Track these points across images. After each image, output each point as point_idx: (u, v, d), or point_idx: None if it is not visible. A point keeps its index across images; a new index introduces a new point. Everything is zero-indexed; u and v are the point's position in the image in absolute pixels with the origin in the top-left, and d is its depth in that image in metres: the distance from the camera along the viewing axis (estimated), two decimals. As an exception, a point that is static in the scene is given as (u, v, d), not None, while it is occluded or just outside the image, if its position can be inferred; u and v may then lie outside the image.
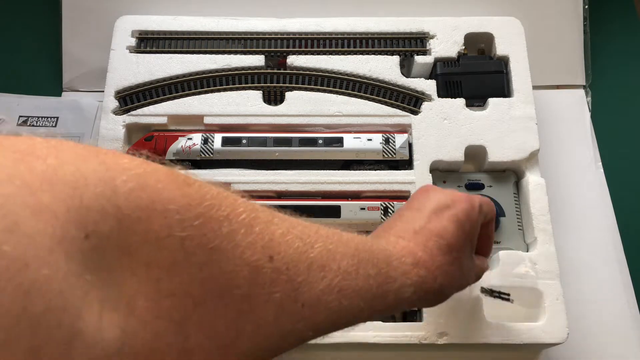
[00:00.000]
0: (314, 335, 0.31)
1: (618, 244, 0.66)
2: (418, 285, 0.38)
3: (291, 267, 0.28)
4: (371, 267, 0.34)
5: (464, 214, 0.42)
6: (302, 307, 0.29)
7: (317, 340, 0.55)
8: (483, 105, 0.67)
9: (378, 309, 0.35)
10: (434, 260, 0.39)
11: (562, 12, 0.76)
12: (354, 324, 0.35)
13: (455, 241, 0.41)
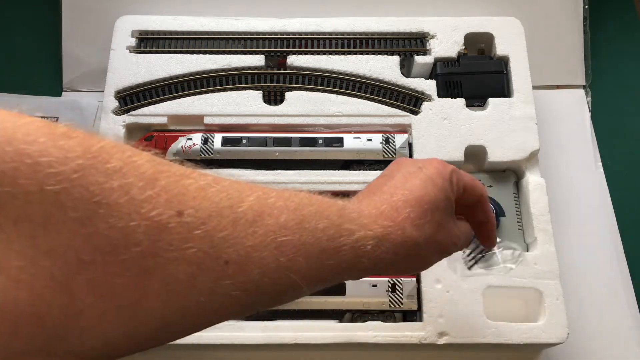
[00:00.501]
0: (250, 298, 0.29)
1: (618, 244, 0.66)
2: (382, 237, 0.35)
3: (209, 222, 0.26)
4: (319, 220, 0.32)
5: (436, 172, 0.40)
6: (225, 265, 0.27)
7: (316, 340, 0.55)
8: (483, 105, 0.67)
9: (333, 266, 0.32)
10: (399, 211, 0.37)
11: (562, 12, 0.76)
12: (310, 286, 0.32)
13: (426, 195, 0.38)
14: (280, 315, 0.58)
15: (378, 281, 0.59)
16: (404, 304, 0.58)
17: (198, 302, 0.27)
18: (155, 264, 0.24)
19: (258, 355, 0.59)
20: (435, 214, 0.38)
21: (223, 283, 0.27)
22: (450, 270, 0.58)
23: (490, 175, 0.65)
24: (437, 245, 0.39)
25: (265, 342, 0.56)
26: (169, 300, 0.25)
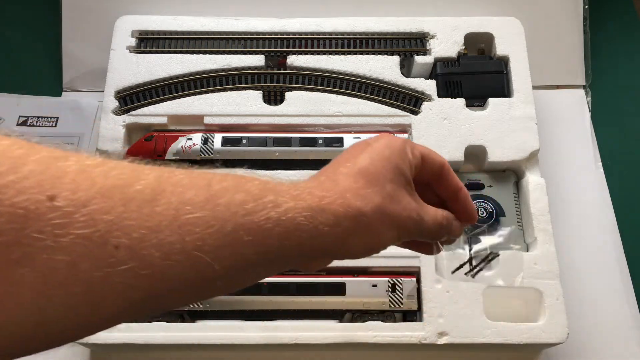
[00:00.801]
0: (155, 285, 0.26)
1: (618, 244, 0.66)
2: (319, 208, 0.32)
3: (91, 204, 0.24)
4: (235, 194, 0.29)
5: (384, 145, 0.37)
6: (115, 250, 0.24)
7: (316, 340, 0.55)
8: (483, 105, 0.67)
9: (257, 244, 0.29)
10: (339, 182, 0.34)
11: (562, 12, 0.75)
12: (232, 270, 0.29)
13: (371, 166, 0.35)
14: (280, 315, 0.58)
15: (378, 281, 0.59)
16: (404, 304, 0.58)
17: (87, 293, 0.24)
18: (24, 254, 0.23)
19: (258, 355, 0.59)
20: (383, 185, 0.35)
21: (116, 270, 0.24)
22: (438, 271, 0.59)
23: (490, 175, 0.65)
24: (390, 219, 0.35)
25: (265, 342, 0.56)
26: (48, 291, 0.23)
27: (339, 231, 0.33)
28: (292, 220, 0.30)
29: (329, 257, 0.36)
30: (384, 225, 0.35)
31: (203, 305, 0.58)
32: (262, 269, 0.32)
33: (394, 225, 0.36)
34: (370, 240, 0.35)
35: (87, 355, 0.60)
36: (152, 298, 0.26)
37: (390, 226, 0.36)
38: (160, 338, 0.56)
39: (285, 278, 0.59)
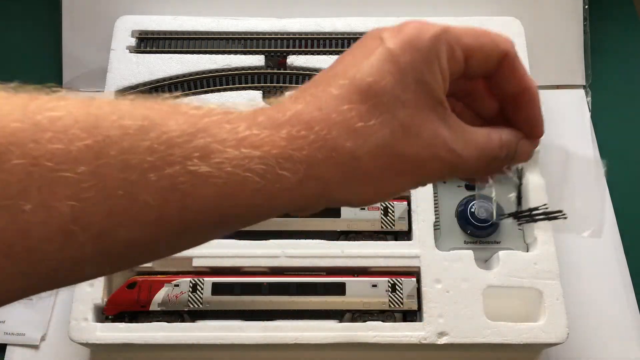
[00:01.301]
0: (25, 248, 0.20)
1: (618, 244, 0.66)
2: (281, 157, 0.24)
3: None
4: (141, 141, 0.22)
5: (404, 42, 0.26)
6: None
7: (316, 340, 0.55)
8: (483, 105, 0.67)
9: (164, 214, 0.22)
10: (322, 109, 0.25)
11: (562, 12, 0.75)
12: (130, 244, 0.22)
13: (379, 81, 0.25)
14: (281, 315, 0.58)
15: (378, 281, 0.59)
16: (404, 303, 0.58)
17: None
18: None
19: (258, 355, 0.59)
20: (394, 112, 0.25)
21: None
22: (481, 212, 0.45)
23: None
24: (401, 163, 0.26)
25: (265, 342, 0.56)
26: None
27: (315, 186, 0.25)
28: (232, 176, 0.23)
29: (310, 210, 0.27)
30: (392, 171, 0.26)
31: (203, 305, 0.58)
32: (189, 239, 0.25)
33: (407, 171, 0.26)
34: (370, 190, 0.26)
35: (87, 355, 0.60)
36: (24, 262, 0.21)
37: (402, 172, 0.26)
38: (160, 338, 0.56)
39: (285, 278, 0.59)
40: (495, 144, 0.28)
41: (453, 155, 0.26)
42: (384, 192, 0.27)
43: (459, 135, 0.27)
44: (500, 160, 0.28)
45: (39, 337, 0.61)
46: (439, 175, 0.27)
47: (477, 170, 0.28)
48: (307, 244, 0.60)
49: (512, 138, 0.29)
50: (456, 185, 0.64)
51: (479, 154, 0.27)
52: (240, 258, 0.59)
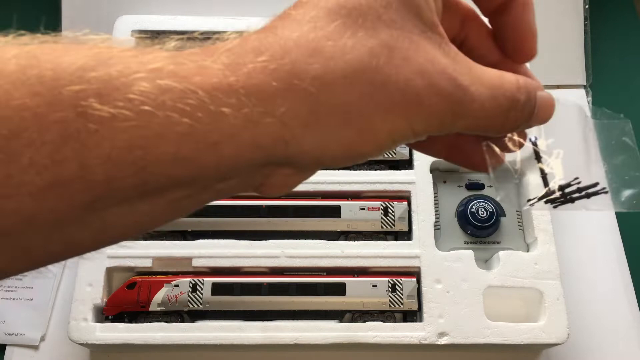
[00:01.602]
0: None
1: (618, 244, 0.66)
2: (222, 90, 0.18)
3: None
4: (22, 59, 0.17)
5: None
6: None
7: (316, 341, 0.55)
8: (483, 105, 0.67)
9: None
10: (285, 28, 0.20)
11: (563, 11, 0.75)
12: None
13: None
14: (281, 315, 0.58)
15: (378, 281, 0.59)
16: (404, 304, 0.58)
17: None
18: None
19: (258, 355, 0.59)
20: (376, 31, 0.20)
21: None
22: (500, 196, 0.35)
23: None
24: (388, 93, 0.20)
25: (265, 343, 0.56)
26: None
27: (272, 129, 0.19)
28: (147, 117, 0.17)
29: (272, 180, 0.22)
30: (376, 105, 0.20)
31: (203, 306, 0.58)
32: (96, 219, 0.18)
33: (397, 105, 0.20)
34: (350, 134, 0.20)
35: (87, 355, 0.60)
36: None
37: (390, 106, 0.20)
38: (160, 338, 0.56)
39: (285, 278, 0.59)
40: (513, 85, 0.23)
41: (457, 87, 0.21)
42: (371, 138, 0.20)
43: (464, 67, 0.21)
44: (520, 108, 0.23)
45: (39, 338, 0.61)
46: (441, 116, 0.21)
47: (493, 118, 0.22)
48: (307, 244, 0.60)
49: (530, 83, 0.24)
50: (456, 185, 0.64)
51: (493, 93, 0.22)
52: (240, 258, 0.59)
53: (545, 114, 0.24)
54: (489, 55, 0.26)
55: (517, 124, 0.23)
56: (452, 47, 0.22)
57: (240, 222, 0.62)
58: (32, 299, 0.62)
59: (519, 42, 0.25)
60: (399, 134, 0.21)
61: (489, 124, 0.22)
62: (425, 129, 0.21)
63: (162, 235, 0.62)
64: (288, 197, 0.63)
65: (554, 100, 0.25)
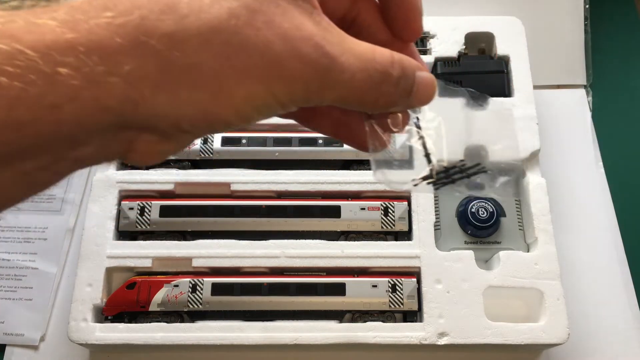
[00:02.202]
0: None
1: (619, 244, 0.66)
2: (58, 48, 0.17)
3: None
4: None
5: None
6: None
7: (316, 341, 0.55)
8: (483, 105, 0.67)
9: None
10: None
11: (563, 11, 0.75)
12: None
13: None
14: (280, 315, 0.58)
15: (378, 281, 0.59)
16: (404, 304, 0.58)
17: None
18: None
19: (258, 355, 0.59)
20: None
21: None
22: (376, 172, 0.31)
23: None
24: (248, 56, 0.19)
25: (265, 343, 0.56)
26: None
27: (117, 89, 0.18)
28: None
29: (126, 151, 0.21)
30: (233, 67, 0.19)
31: (203, 306, 0.58)
32: None
33: (256, 69, 0.19)
34: (204, 97, 0.19)
35: (87, 356, 0.60)
36: None
37: (248, 70, 0.19)
38: (160, 338, 0.55)
39: (285, 278, 0.59)
40: (386, 58, 0.22)
41: (323, 55, 0.20)
42: (227, 103, 0.20)
43: (335, 37, 0.21)
44: (393, 83, 0.22)
45: (38, 338, 0.61)
46: (305, 84, 0.20)
47: (365, 91, 0.22)
48: (307, 244, 0.60)
49: (407, 60, 0.23)
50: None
51: (365, 65, 0.21)
52: (240, 258, 0.59)
53: (424, 95, 0.24)
54: (378, 33, 0.25)
55: (392, 99, 0.23)
56: (324, 18, 0.21)
57: (240, 222, 0.62)
58: (32, 299, 0.62)
59: (405, 20, 0.25)
60: (260, 101, 0.20)
61: (361, 98, 0.22)
62: (289, 98, 0.21)
63: (162, 235, 0.61)
64: (288, 197, 0.63)
65: (435, 82, 0.25)
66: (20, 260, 0.64)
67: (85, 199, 0.66)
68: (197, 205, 0.62)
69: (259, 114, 0.21)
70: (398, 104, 0.23)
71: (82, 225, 0.61)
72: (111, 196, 0.62)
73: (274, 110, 0.21)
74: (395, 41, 0.26)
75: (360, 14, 0.25)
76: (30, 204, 0.67)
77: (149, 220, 0.61)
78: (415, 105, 0.25)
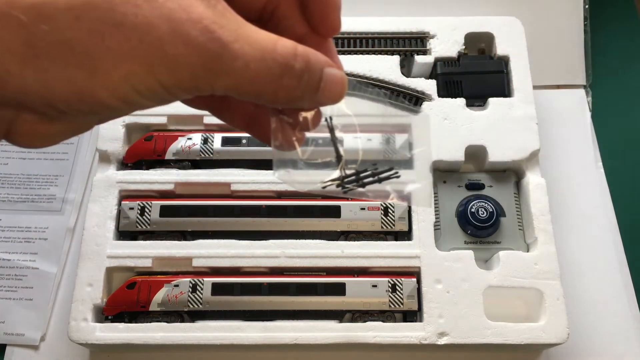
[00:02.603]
0: None
1: (618, 244, 0.66)
2: None
3: None
4: None
5: None
6: None
7: (316, 341, 0.55)
8: (483, 105, 0.67)
9: None
10: None
11: (563, 11, 0.75)
12: None
13: None
14: (281, 315, 0.58)
15: (378, 281, 0.59)
16: (404, 304, 0.58)
17: None
18: None
19: (258, 355, 0.59)
20: None
21: None
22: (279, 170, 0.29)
23: (491, 175, 0.65)
24: (125, 34, 0.18)
25: (265, 343, 0.56)
26: None
27: None
28: None
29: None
30: (108, 46, 0.18)
31: (203, 306, 0.58)
32: None
33: (135, 49, 0.18)
34: (78, 75, 0.18)
35: (87, 355, 0.60)
36: None
37: (126, 50, 0.18)
38: (160, 338, 0.56)
39: (285, 278, 0.59)
40: (288, 50, 0.21)
41: (213, 40, 0.19)
42: (104, 83, 0.19)
43: (231, 23, 0.20)
44: (296, 76, 0.21)
45: (39, 338, 0.61)
46: (192, 69, 0.19)
47: (262, 82, 0.20)
48: (307, 244, 0.60)
49: (315, 55, 0.22)
50: (456, 185, 0.64)
51: (262, 55, 0.20)
52: (240, 258, 0.59)
53: (333, 92, 0.23)
54: (296, 27, 0.25)
55: (295, 94, 0.22)
56: (221, 2, 0.20)
57: (240, 222, 0.62)
58: (32, 299, 0.62)
59: (322, 15, 0.24)
60: (142, 84, 0.19)
61: (258, 89, 0.21)
62: (176, 83, 0.19)
63: (162, 235, 0.62)
64: (288, 197, 0.63)
65: (345, 80, 0.24)
66: (20, 260, 0.64)
67: (86, 199, 0.66)
68: (197, 205, 0.62)
69: (143, 98, 0.20)
70: (303, 99, 0.22)
71: (83, 225, 0.61)
72: (111, 196, 0.62)
73: (161, 95, 0.20)
74: (314, 36, 0.25)
75: (279, 6, 0.24)
76: (31, 204, 0.67)
77: (149, 220, 0.61)
78: (325, 102, 0.23)
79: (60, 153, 0.70)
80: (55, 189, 0.68)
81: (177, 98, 0.21)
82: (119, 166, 0.64)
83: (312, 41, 0.24)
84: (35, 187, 0.68)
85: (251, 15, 0.23)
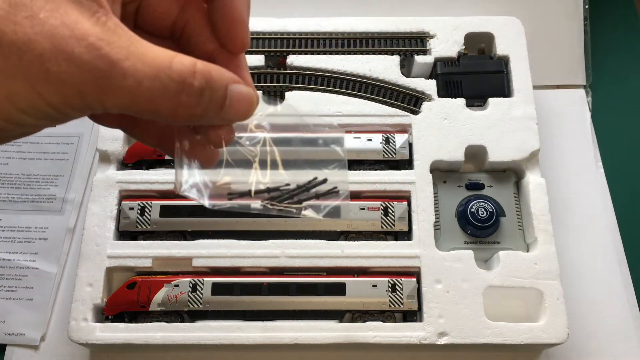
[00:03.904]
0: None
1: (618, 244, 0.66)
2: None
3: None
4: None
5: None
6: None
7: (316, 341, 0.55)
8: (483, 105, 0.67)
9: None
10: None
11: (563, 11, 0.75)
12: None
13: None
14: (281, 315, 0.58)
15: (378, 281, 0.59)
16: (404, 304, 0.58)
17: None
18: None
19: (258, 355, 0.59)
20: None
21: None
22: (182, 187, 0.29)
23: (491, 175, 0.65)
24: (4, 51, 0.18)
25: (265, 343, 0.56)
26: None
27: None
28: None
29: None
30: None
31: (203, 306, 0.58)
32: None
33: (15, 66, 0.18)
34: None
35: (87, 355, 0.60)
36: None
37: (4, 69, 0.18)
38: (160, 338, 0.56)
39: (285, 278, 0.59)
40: (185, 68, 0.20)
41: (99, 57, 0.18)
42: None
43: (122, 40, 0.19)
44: (195, 94, 0.21)
45: (39, 338, 0.61)
46: (79, 87, 0.19)
47: (158, 100, 0.20)
48: (307, 244, 0.60)
49: (218, 71, 0.21)
50: (456, 185, 0.64)
51: (156, 72, 0.19)
52: (240, 258, 0.59)
53: (240, 109, 0.23)
54: (206, 44, 0.24)
55: (196, 111, 0.21)
56: (112, 18, 0.20)
57: (240, 222, 0.62)
58: (32, 299, 0.62)
59: (229, 32, 0.24)
60: (25, 102, 0.19)
61: (156, 107, 0.20)
62: (63, 101, 0.19)
63: (162, 235, 0.62)
64: (288, 197, 0.63)
65: (254, 98, 0.24)
66: (20, 260, 0.64)
67: (86, 199, 0.66)
68: (197, 205, 0.62)
69: (30, 117, 0.19)
70: (206, 116, 0.22)
71: (83, 225, 0.61)
72: (111, 196, 0.62)
73: (51, 113, 0.19)
74: (224, 52, 0.25)
75: (189, 23, 0.24)
76: (31, 204, 0.67)
77: (149, 220, 0.61)
78: (233, 119, 0.23)
79: (60, 153, 0.70)
80: (55, 189, 0.68)
81: (70, 116, 0.20)
82: (119, 166, 0.64)
83: (222, 57, 0.24)
84: (36, 187, 0.68)
85: (163, 32, 0.23)
